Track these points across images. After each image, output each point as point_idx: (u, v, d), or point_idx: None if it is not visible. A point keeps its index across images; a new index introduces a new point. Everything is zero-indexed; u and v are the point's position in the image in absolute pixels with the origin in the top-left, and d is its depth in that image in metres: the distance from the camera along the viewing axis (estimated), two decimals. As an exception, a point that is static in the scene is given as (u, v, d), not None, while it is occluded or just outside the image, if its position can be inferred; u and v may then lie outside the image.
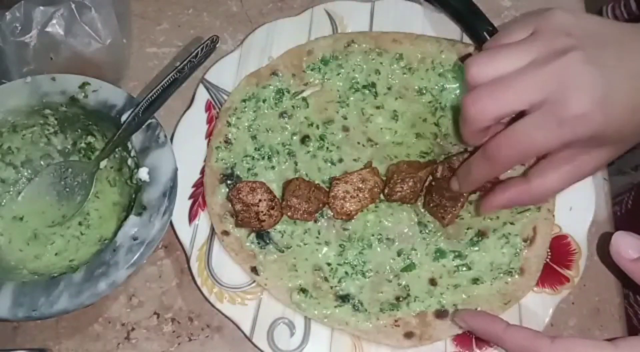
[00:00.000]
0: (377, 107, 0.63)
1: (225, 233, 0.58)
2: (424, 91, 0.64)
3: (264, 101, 0.63)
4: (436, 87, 0.64)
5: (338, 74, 0.64)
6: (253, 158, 0.61)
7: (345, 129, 0.62)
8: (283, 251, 0.58)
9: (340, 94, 0.64)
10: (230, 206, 0.59)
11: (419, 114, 0.63)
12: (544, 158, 0.52)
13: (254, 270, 0.57)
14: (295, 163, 0.61)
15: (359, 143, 0.62)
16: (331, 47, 0.64)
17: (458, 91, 0.63)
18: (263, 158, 0.61)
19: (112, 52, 0.61)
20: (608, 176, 0.64)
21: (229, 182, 0.60)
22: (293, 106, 0.63)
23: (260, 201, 0.57)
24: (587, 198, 0.59)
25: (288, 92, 0.63)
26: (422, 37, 0.65)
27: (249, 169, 0.61)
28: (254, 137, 0.62)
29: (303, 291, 0.56)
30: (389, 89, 0.64)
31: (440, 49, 0.64)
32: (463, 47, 0.64)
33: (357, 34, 0.65)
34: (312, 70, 0.64)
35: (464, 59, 0.63)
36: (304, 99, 0.63)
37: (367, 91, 0.64)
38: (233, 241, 0.58)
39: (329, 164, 0.61)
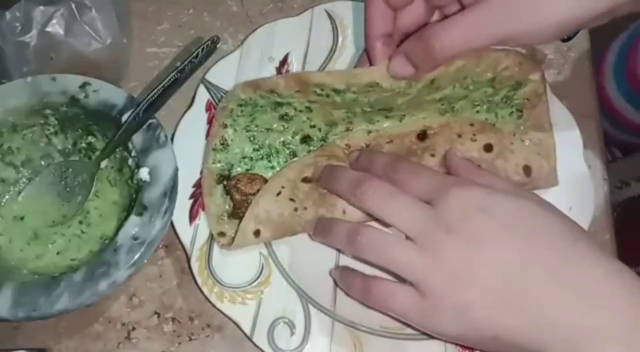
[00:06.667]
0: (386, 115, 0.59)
1: (222, 234, 0.58)
2: None
3: (261, 106, 0.59)
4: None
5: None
6: (252, 159, 0.61)
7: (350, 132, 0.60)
8: None
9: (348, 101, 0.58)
10: (227, 207, 0.59)
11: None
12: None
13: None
14: (296, 163, 0.60)
15: None
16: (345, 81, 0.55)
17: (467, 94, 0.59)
18: (262, 158, 0.61)
19: (112, 52, 0.61)
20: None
21: (225, 183, 0.59)
22: (295, 109, 0.59)
23: (258, 190, 0.57)
24: (587, 198, 0.59)
25: (289, 104, 0.58)
26: (423, 38, 0.64)
27: (247, 170, 0.60)
28: (252, 138, 0.60)
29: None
30: None
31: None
32: (463, 47, 0.64)
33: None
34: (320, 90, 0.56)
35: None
36: (308, 106, 0.58)
37: None
38: (230, 240, 0.57)
39: (330, 165, 0.60)
